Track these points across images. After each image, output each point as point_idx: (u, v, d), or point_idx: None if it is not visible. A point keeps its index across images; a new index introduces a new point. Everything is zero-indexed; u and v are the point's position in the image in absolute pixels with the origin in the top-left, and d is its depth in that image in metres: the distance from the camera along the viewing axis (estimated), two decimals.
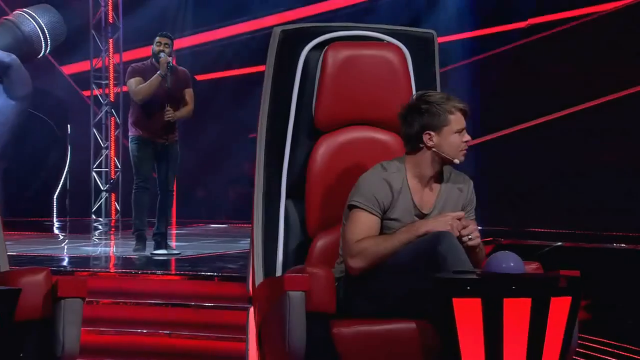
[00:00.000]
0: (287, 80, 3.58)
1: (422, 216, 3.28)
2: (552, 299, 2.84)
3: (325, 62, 3.55)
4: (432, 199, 3.31)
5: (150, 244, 7.07)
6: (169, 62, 6.81)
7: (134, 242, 7.10)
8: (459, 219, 3.18)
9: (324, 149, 3.55)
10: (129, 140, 7.06)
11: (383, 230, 3.26)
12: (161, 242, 6.98)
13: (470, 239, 3.16)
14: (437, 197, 3.32)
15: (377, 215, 3.23)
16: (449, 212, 3.25)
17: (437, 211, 3.29)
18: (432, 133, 3.25)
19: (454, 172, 3.38)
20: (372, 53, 3.60)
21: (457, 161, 3.27)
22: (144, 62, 7.08)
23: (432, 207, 3.31)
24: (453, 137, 3.25)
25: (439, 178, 3.33)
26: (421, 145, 3.27)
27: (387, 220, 3.26)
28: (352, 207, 3.25)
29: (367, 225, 3.22)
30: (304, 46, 3.59)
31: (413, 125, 3.27)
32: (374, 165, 3.31)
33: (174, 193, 7.16)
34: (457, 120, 3.24)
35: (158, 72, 6.81)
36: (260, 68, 3.84)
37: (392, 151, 3.53)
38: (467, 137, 3.27)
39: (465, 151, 3.27)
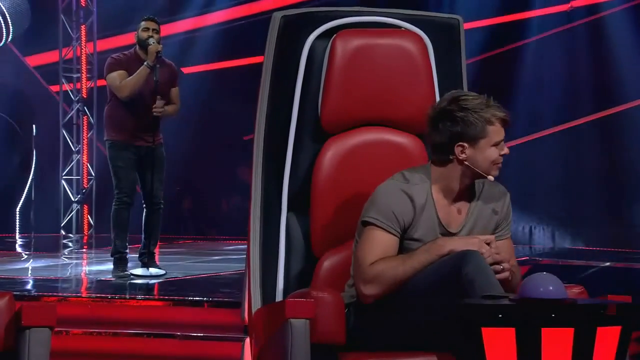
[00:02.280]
0: (289, 74, 3.59)
1: (448, 234, 3.28)
2: (599, 329, 2.84)
3: (334, 52, 3.56)
4: (461, 216, 3.31)
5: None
6: (159, 51, 6.79)
7: (112, 266, 7.05)
8: (488, 243, 3.18)
9: (331, 153, 3.56)
10: (106, 144, 7.01)
11: (402, 252, 3.25)
12: (149, 263, 6.96)
13: (503, 269, 3.16)
14: (467, 214, 3.32)
15: (395, 235, 3.24)
16: (479, 233, 3.26)
17: (467, 230, 3.30)
18: (465, 145, 3.24)
19: (487, 182, 3.38)
20: (387, 42, 3.62)
21: (491, 177, 3.27)
22: (126, 52, 7.07)
23: (460, 225, 3.31)
24: (490, 150, 3.24)
25: (469, 191, 3.33)
26: (451, 157, 3.26)
27: (407, 241, 3.26)
28: (366, 224, 3.25)
29: (384, 246, 3.22)
30: (309, 34, 3.60)
31: (444, 133, 3.25)
32: (394, 175, 3.31)
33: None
34: (496, 131, 3.23)
35: (145, 63, 6.77)
36: (258, 59, 3.85)
37: (411, 156, 3.54)
38: (505, 150, 3.27)
39: (500, 165, 3.27)
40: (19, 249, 10.65)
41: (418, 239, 3.25)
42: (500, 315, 2.80)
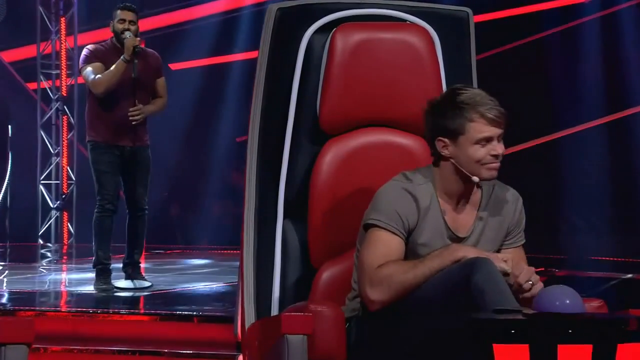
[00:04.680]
0: (286, 71, 3.61)
1: (457, 240, 3.30)
2: (619, 345, 2.85)
3: (333, 47, 3.58)
4: (470, 221, 3.33)
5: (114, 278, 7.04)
6: (136, 45, 6.78)
7: (94, 278, 7.05)
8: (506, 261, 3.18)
9: (331, 156, 3.57)
10: (88, 146, 7.01)
11: (408, 259, 3.27)
12: (133, 274, 6.97)
13: (532, 284, 3.15)
14: (475, 218, 3.33)
15: (400, 237, 3.25)
16: (489, 239, 3.28)
17: (477, 236, 3.31)
18: (446, 140, 3.28)
19: (498, 185, 3.39)
20: (391, 36, 3.63)
21: (476, 179, 3.27)
22: (103, 43, 7.06)
23: (469, 230, 3.32)
24: (472, 149, 3.25)
25: (476, 194, 3.35)
26: (440, 154, 3.31)
27: (412, 246, 3.27)
28: (369, 227, 3.27)
29: (389, 248, 3.23)
30: (307, 28, 3.62)
31: (427, 126, 3.32)
32: (395, 176, 3.33)
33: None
34: (478, 129, 3.24)
35: (122, 57, 6.76)
36: (252, 55, 3.86)
37: (417, 159, 3.55)
38: (496, 150, 3.25)
39: (493, 165, 3.26)
40: None
41: (423, 243, 3.26)
42: (513, 331, 2.81)
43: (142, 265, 7.30)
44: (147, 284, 7.04)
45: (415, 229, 3.27)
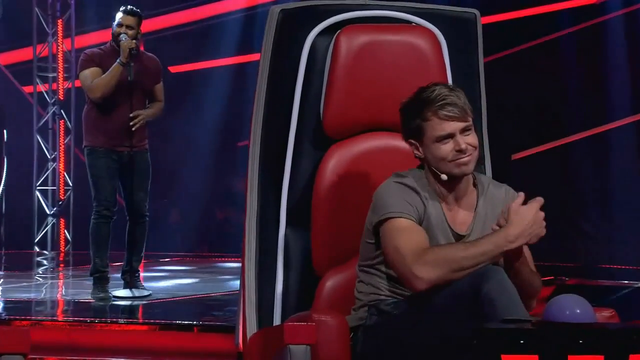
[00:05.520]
0: (288, 74, 3.61)
1: (458, 238, 3.32)
2: (631, 356, 2.84)
3: (337, 50, 3.58)
4: (468, 219, 3.35)
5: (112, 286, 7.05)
6: (132, 48, 6.79)
7: (92, 287, 7.05)
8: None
9: (335, 161, 3.58)
10: (84, 151, 7.03)
11: None
12: (132, 283, 6.97)
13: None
14: (473, 217, 3.35)
15: (416, 222, 3.25)
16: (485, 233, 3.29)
17: (477, 234, 3.32)
18: (414, 142, 3.33)
19: (492, 184, 3.42)
20: (397, 39, 3.64)
21: (444, 177, 3.29)
22: (102, 47, 7.09)
23: (469, 228, 3.34)
24: (435, 147, 3.28)
25: (468, 192, 3.37)
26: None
27: None
28: (383, 223, 3.25)
29: (418, 233, 3.22)
30: (310, 30, 3.62)
31: (401, 129, 3.37)
32: (389, 178, 3.34)
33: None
34: (434, 127, 3.26)
35: (118, 60, 6.78)
36: (254, 57, 3.87)
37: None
38: (460, 145, 3.25)
39: (461, 161, 3.26)
40: None
41: (430, 237, 3.27)
42: (522, 341, 2.81)
43: (141, 273, 7.30)
44: (146, 292, 7.04)
45: (423, 221, 3.28)
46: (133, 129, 6.79)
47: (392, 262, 3.23)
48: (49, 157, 11.79)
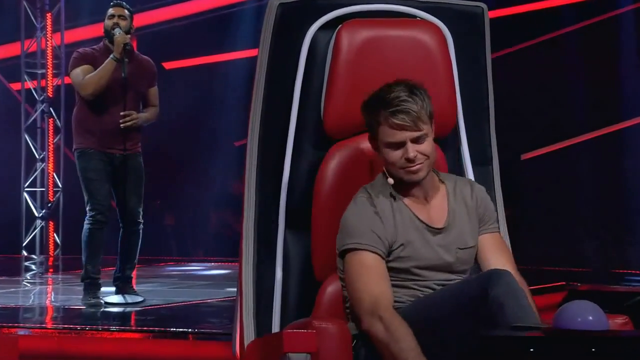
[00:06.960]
0: (288, 71, 3.61)
1: (435, 231, 3.36)
2: None
3: (338, 46, 3.59)
4: (443, 212, 3.40)
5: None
6: (127, 43, 6.78)
7: (82, 293, 7.05)
8: None
9: (336, 162, 3.58)
10: (75, 152, 7.01)
11: (395, 265, 3.31)
12: (124, 288, 6.97)
13: None
14: (448, 210, 3.40)
15: (381, 256, 3.30)
16: (463, 229, 3.35)
17: (455, 226, 3.37)
18: (372, 140, 3.39)
19: (458, 179, 3.49)
20: (400, 34, 3.64)
21: (391, 181, 3.35)
22: (95, 46, 7.08)
23: (445, 221, 3.38)
24: (385, 151, 3.34)
25: (439, 189, 3.42)
26: None
27: (398, 250, 3.31)
28: (345, 253, 3.30)
29: (378, 275, 3.26)
30: (310, 24, 3.62)
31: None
32: (356, 194, 3.38)
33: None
34: (384, 132, 3.31)
35: (111, 56, 6.77)
36: (252, 53, 3.87)
37: None
38: (409, 154, 3.28)
39: (410, 169, 3.30)
40: None
41: (403, 243, 3.31)
42: (532, 349, 2.82)
43: (134, 278, 7.30)
44: (139, 298, 7.04)
45: (394, 241, 3.32)
46: (122, 126, 6.78)
47: (350, 297, 3.31)
48: (37, 157, 11.81)
